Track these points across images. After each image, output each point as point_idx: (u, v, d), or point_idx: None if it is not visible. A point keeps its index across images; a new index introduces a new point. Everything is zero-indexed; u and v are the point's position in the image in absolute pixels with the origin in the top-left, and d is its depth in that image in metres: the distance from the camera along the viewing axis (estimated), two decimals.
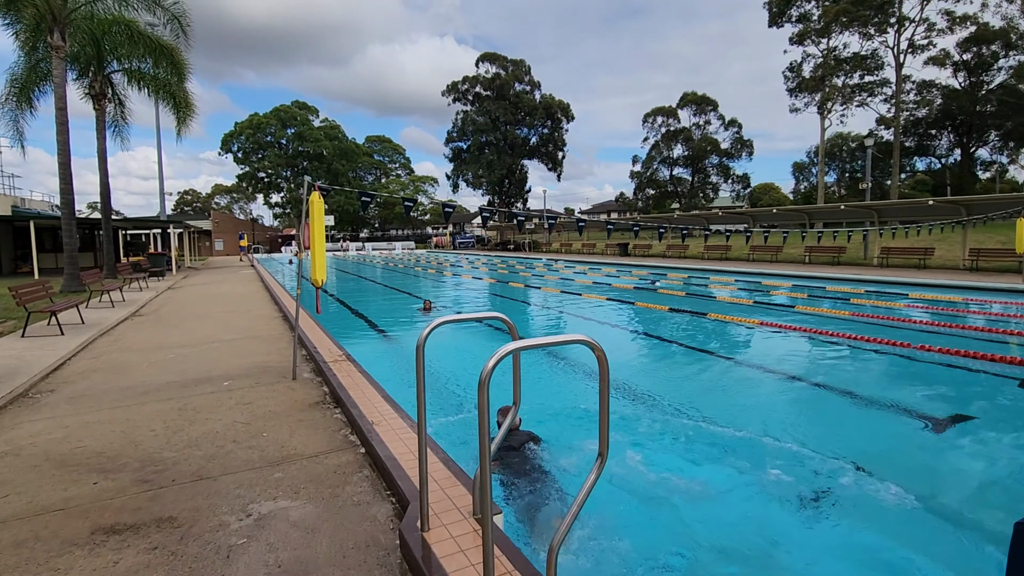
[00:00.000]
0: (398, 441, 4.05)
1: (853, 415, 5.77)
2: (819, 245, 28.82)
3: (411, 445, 3.98)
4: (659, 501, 3.89)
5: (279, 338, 8.86)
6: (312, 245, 6.14)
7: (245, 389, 5.94)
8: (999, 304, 12.85)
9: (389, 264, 34.89)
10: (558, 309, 13.49)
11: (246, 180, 63.27)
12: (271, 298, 14.54)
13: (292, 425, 4.78)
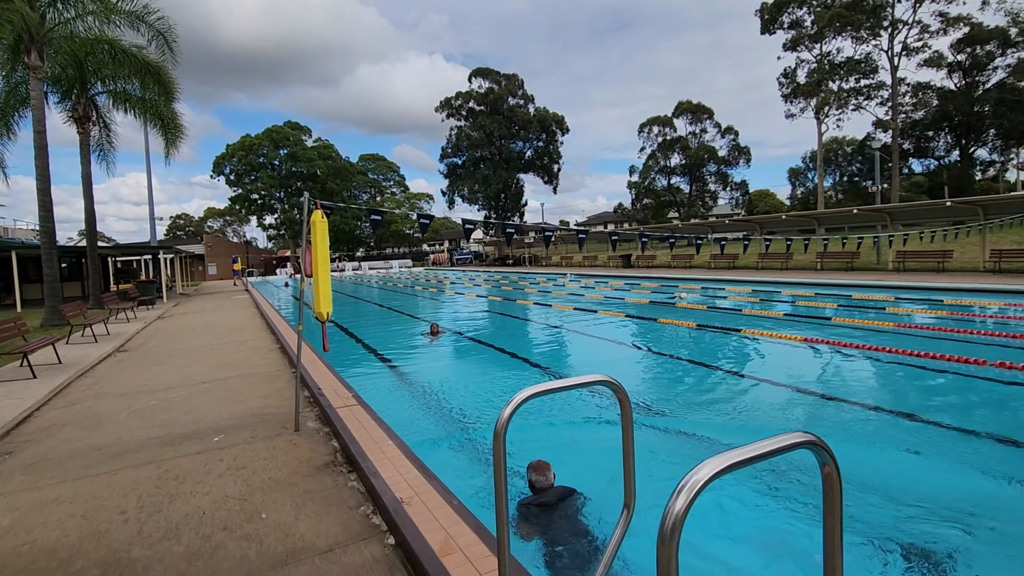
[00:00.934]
0: (438, 530, 3.10)
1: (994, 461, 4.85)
2: (829, 251, 28.11)
3: (460, 537, 3.03)
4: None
5: (278, 375, 7.90)
6: (315, 271, 5.23)
7: (239, 446, 4.98)
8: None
9: (388, 284, 33.96)
10: (575, 329, 12.58)
11: (239, 202, 62.34)
12: (267, 326, 13.57)
13: (297, 499, 3.83)
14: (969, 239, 23.97)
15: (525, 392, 1.81)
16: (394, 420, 5.34)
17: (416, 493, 3.53)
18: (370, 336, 12.38)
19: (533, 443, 5.23)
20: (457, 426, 5.76)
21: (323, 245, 5.30)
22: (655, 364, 8.81)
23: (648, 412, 6.13)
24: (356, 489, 3.97)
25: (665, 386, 7.46)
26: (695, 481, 1.05)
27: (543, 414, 6.16)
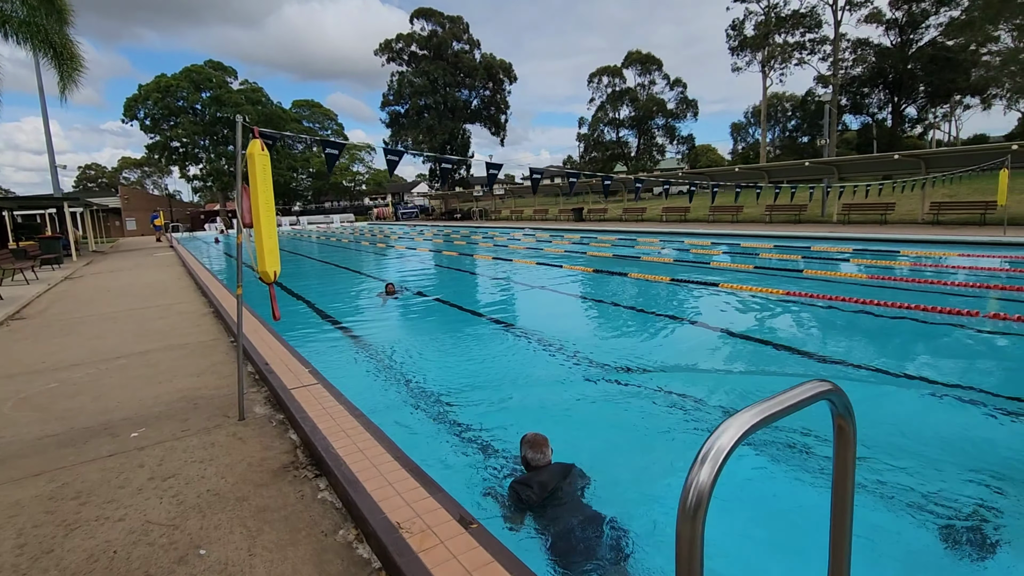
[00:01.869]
0: (460, 572, 2.24)
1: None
2: (779, 204, 28.52)
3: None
4: None
5: (213, 346, 6.67)
6: (256, 220, 4.07)
7: (166, 445, 3.89)
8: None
9: (331, 240, 31.90)
10: (542, 286, 11.79)
11: (157, 151, 56.45)
12: (197, 287, 11.98)
13: (250, 523, 2.86)
14: (904, 193, 24.73)
15: (727, 434, 0.95)
16: (367, 403, 4.38)
17: (417, 513, 2.64)
18: (320, 298, 11.09)
19: (514, 410, 4.44)
20: (448, 411, 4.85)
21: (265, 186, 4.12)
22: (633, 321, 8.17)
23: (630, 372, 5.45)
24: (329, 503, 3.03)
25: (645, 344, 6.83)
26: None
27: (514, 372, 5.36)
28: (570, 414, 4.77)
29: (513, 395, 5.22)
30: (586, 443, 4.20)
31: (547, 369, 5.94)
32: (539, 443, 3.33)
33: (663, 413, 4.64)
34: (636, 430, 4.40)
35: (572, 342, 6.89)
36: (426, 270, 16.12)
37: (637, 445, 4.21)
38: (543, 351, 6.58)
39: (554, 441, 3.52)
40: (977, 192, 26.32)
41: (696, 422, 4.45)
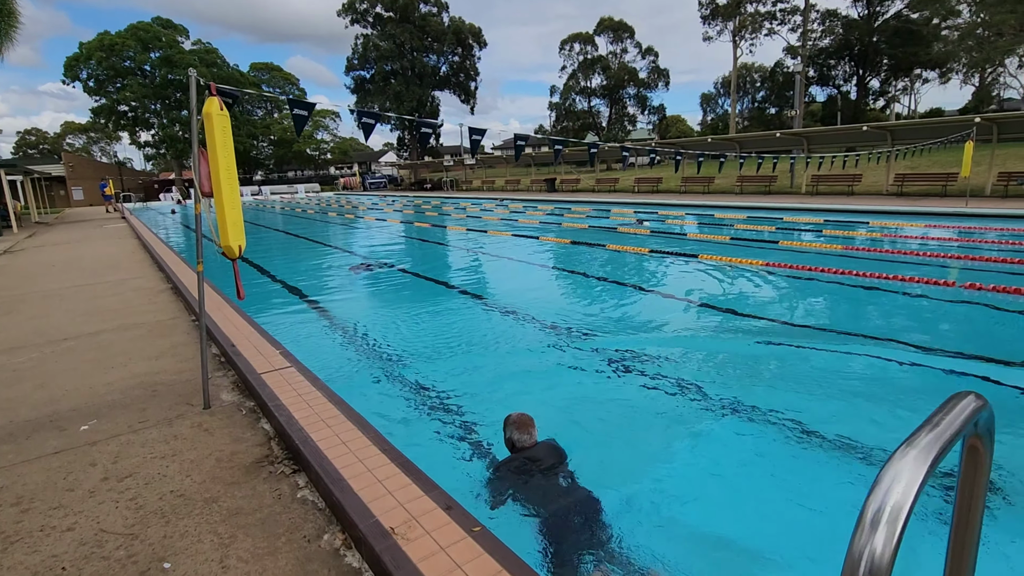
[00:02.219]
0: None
1: None
2: (750, 175, 28.73)
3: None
4: None
5: (172, 326, 6.19)
6: (217, 189, 3.63)
7: (121, 438, 3.50)
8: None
9: (296, 211, 30.74)
10: (520, 259, 11.50)
11: (104, 115, 52.87)
12: (153, 261, 11.25)
13: (221, 529, 2.55)
14: (870, 165, 25.14)
15: (899, 486, 0.67)
16: (346, 388, 4.06)
17: (412, 516, 2.37)
18: (289, 273, 10.53)
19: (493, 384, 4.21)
20: (434, 396, 4.55)
21: (226, 150, 3.67)
22: (617, 295, 8.00)
23: (624, 356, 5.28)
24: (311, 503, 2.73)
25: (630, 321, 6.66)
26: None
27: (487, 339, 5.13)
28: (558, 391, 4.56)
29: (501, 374, 4.98)
30: (575, 419, 4.05)
31: (534, 345, 5.70)
32: (525, 424, 3.18)
33: (652, 389, 4.48)
34: (624, 406, 4.28)
35: (558, 317, 6.66)
36: (399, 243, 15.60)
37: (625, 421, 4.09)
38: (528, 327, 6.34)
39: (543, 419, 3.38)
40: (937, 164, 26.99)
41: (684, 397, 4.31)
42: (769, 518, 3.02)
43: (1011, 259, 8.71)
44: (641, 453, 3.68)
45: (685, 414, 4.12)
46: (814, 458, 3.46)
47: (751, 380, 4.71)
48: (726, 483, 3.34)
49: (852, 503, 3.01)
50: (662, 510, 3.02)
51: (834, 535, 2.83)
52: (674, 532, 2.85)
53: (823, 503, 3.07)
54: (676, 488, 3.25)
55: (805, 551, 2.75)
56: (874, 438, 3.62)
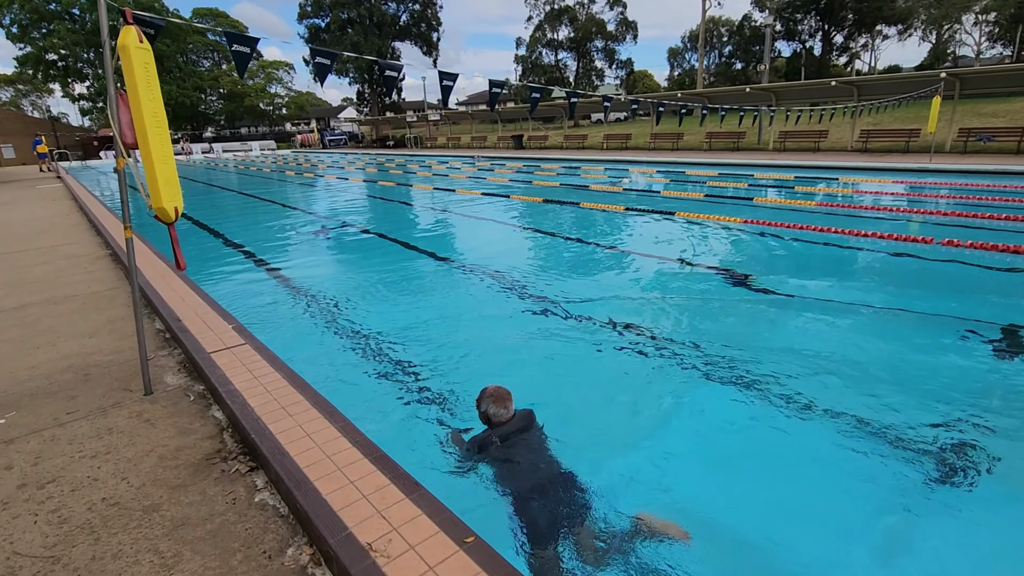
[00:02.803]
0: None
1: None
2: (718, 131, 28.54)
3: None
4: None
5: (111, 297, 5.56)
6: (143, 139, 3.05)
7: (45, 434, 3.02)
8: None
9: (252, 170, 29.09)
10: (493, 219, 11.02)
11: (30, 65, 48.42)
12: (90, 225, 10.31)
13: (163, 547, 2.15)
14: (835, 121, 25.20)
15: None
16: (311, 371, 3.63)
17: (393, 526, 2.01)
18: (243, 238, 9.76)
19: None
20: (408, 374, 4.14)
21: (150, 92, 3.08)
22: (598, 256, 7.68)
23: (613, 325, 4.99)
24: (271, 509, 2.35)
25: (610, 277, 6.37)
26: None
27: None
28: (539, 359, 4.25)
29: (483, 346, 4.61)
30: (550, 384, 3.88)
31: (514, 313, 5.35)
32: (502, 397, 2.95)
33: (628, 351, 4.23)
34: (598, 368, 4.12)
35: (530, 279, 6.30)
36: (363, 203, 14.82)
37: (597, 383, 3.94)
38: (508, 293, 5.97)
39: (527, 389, 3.23)
40: (899, 121, 27.32)
41: (658, 357, 4.07)
42: (754, 481, 2.86)
43: (984, 215, 8.74)
44: (624, 418, 3.55)
45: (667, 376, 3.97)
46: (798, 421, 3.34)
47: (730, 339, 4.50)
48: (712, 445, 3.25)
49: (835, 465, 3.01)
50: (648, 476, 2.89)
51: (817, 495, 2.75)
52: (657, 497, 2.62)
53: (809, 467, 2.97)
54: (660, 451, 3.15)
55: (792, 514, 2.60)
56: (852, 397, 3.54)
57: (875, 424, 3.23)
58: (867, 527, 2.53)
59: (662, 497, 2.74)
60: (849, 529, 2.52)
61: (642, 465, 3.01)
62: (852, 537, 2.46)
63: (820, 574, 2.29)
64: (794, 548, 2.41)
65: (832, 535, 2.50)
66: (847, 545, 2.42)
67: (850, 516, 2.61)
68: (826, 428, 3.25)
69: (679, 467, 3.02)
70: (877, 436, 3.13)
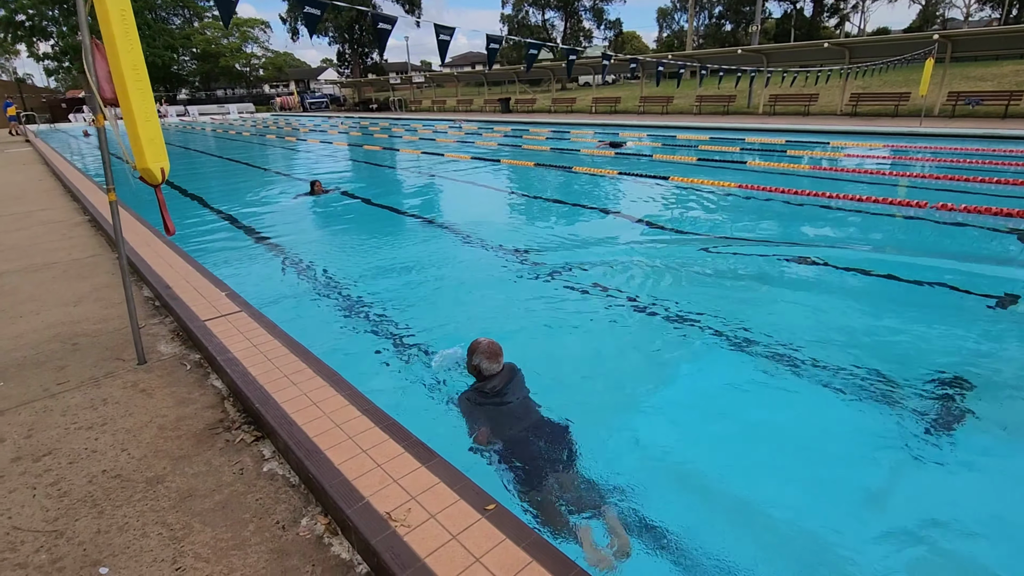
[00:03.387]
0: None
1: None
2: (708, 95, 28.15)
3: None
4: None
5: (93, 264, 5.36)
6: (123, 94, 2.85)
7: (36, 405, 2.90)
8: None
9: (230, 133, 28.15)
10: (484, 184, 10.81)
11: (1, 28, 45.86)
12: (65, 190, 9.91)
13: (171, 519, 2.08)
14: (824, 84, 24.92)
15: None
16: (312, 338, 3.52)
17: (411, 495, 1.96)
18: (231, 205, 9.42)
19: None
20: (415, 341, 4.05)
21: (128, 42, 2.86)
22: (593, 220, 7.58)
23: (612, 292, 4.94)
24: (281, 478, 2.29)
25: (605, 246, 6.30)
26: None
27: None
28: (535, 322, 4.20)
29: (484, 308, 4.55)
30: (552, 348, 3.91)
31: (511, 275, 5.27)
32: (495, 352, 3.01)
33: (622, 316, 4.21)
34: (592, 333, 4.10)
35: (527, 243, 6.20)
36: (349, 168, 14.44)
37: (601, 348, 3.97)
38: (501, 256, 5.87)
39: (527, 350, 3.33)
40: (888, 84, 27.15)
41: (653, 320, 4.06)
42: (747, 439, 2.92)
43: (977, 178, 8.76)
44: (617, 379, 3.59)
45: (661, 338, 4.01)
46: (792, 380, 3.40)
47: (724, 302, 4.50)
48: (710, 403, 3.31)
49: (830, 418, 3.08)
50: (650, 434, 2.99)
51: (817, 455, 2.79)
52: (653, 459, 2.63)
53: (803, 421, 3.06)
54: (658, 410, 3.24)
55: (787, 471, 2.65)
56: (842, 358, 3.59)
57: (866, 384, 3.29)
58: (861, 480, 2.58)
59: (663, 456, 2.78)
60: (842, 480, 2.57)
61: (643, 422, 3.06)
62: (844, 489, 2.51)
63: (814, 527, 2.32)
64: (791, 506, 2.45)
65: (826, 488, 2.54)
66: (840, 497, 2.47)
67: (843, 469, 2.66)
68: (818, 386, 3.30)
69: (678, 426, 3.07)
70: (869, 393, 3.17)
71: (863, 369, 3.41)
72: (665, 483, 2.58)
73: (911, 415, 2.97)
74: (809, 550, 2.22)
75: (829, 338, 3.87)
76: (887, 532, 2.26)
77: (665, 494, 2.47)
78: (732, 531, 2.30)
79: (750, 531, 2.32)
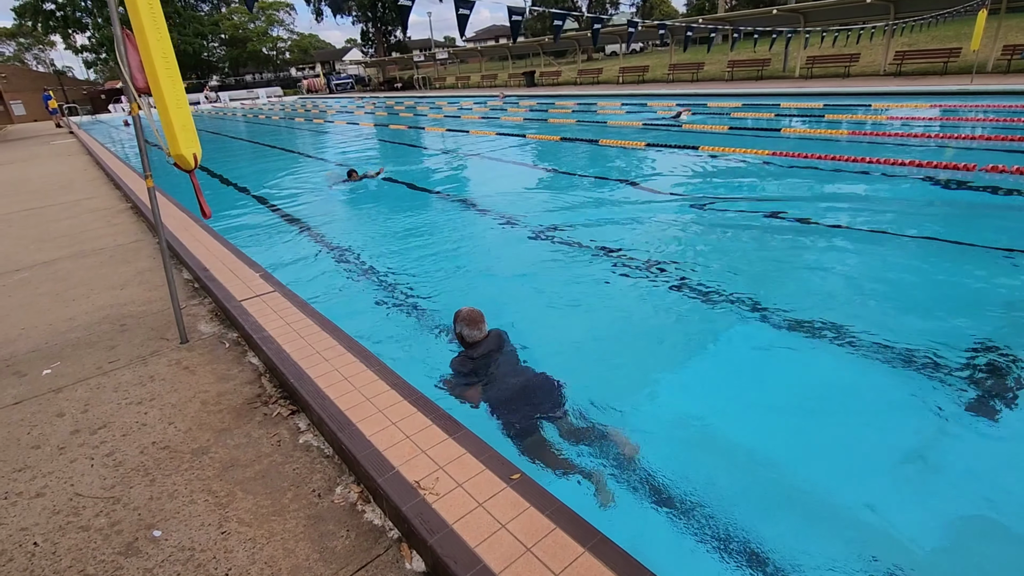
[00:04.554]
0: (516, 548, 1.69)
1: None
2: (740, 59, 27.07)
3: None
4: None
5: (136, 249, 5.60)
6: (154, 82, 2.94)
7: (90, 383, 3.10)
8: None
9: (260, 118, 28.61)
10: (512, 160, 10.73)
11: (29, 16, 47.33)
12: (108, 179, 10.31)
13: (216, 487, 2.22)
14: (863, 43, 23.60)
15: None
16: (342, 316, 3.63)
17: (439, 464, 2.04)
18: (262, 188, 9.63)
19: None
20: (443, 319, 4.14)
21: (157, 30, 2.93)
22: (623, 194, 7.47)
23: (652, 269, 4.90)
24: (316, 450, 2.40)
25: (641, 221, 6.22)
26: None
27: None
28: (564, 299, 4.21)
29: (514, 289, 4.59)
30: (584, 322, 3.93)
31: (542, 255, 5.28)
32: (475, 319, 3.15)
33: (658, 287, 4.16)
34: (631, 308, 4.11)
35: (558, 221, 6.18)
36: (377, 148, 14.54)
37: (632, 320, 3.99)
38: (534, 234, 5.87)
39: (556, 329, 3.46)
40: (936, 40, 25.58)
41: (686, 292, 4.01)
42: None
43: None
44: (650, 347, 3.62)
45: (695, 310, 3.99)
46: (832, 348, 3.37)
47: (760, 271, 4.41)
48: (741, 373, 3.31)
49: (846, 390, 3.06)
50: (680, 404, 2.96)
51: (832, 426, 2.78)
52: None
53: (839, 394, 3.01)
54: (690, 382, 3.25)
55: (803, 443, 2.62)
56: (886, 324, 3.50)
57: (910, 351, 3.21)
58: (895, 450, 2.54)
59: (692, 423, 2.79)
60: (875, 452, 2.53)
61: (675, 392, 3.08)
62: (878, 460, 2.48)
63: (840, 493, 2.30)
64: (815, 471, 2.44)
65: (857, 458, 2.52)
66: (872, 467, 2.44)
67: (876, 439, 2.63)
68: (856, 355, 3.24)
69: (713, 398, 3.06)
70: (910, 362, 3.10)
71: (909, 336, 3.35)
72: (696, 451, 2.60)
73: (954, 384, 2.90)
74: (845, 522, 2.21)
75: (868, 305, 3.79)
76: (931, 509, 2.24)
77: (694, 459, 2.50)
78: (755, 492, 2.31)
79: (767, 487, 2.32)
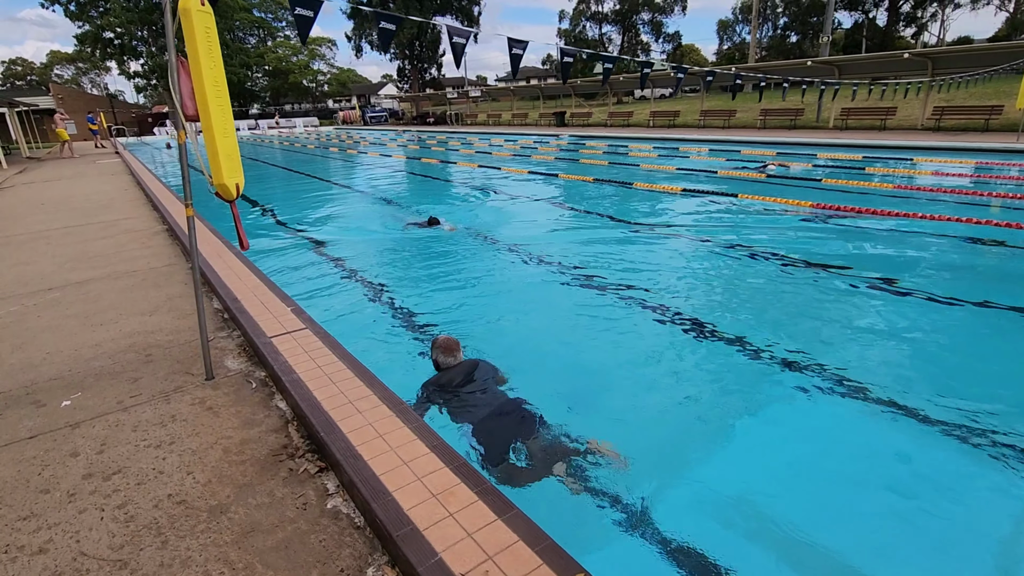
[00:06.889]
0: None
1: None
2: (773, 108, 27.08)
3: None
4: None
5: (168, 273, 5.53)
6: (204, 110, 2.85)
7: (109, 419, 2.92)
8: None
9: (296, 146, 29.39)
10: (546, 200, 10.64)
11: (88, 43, 50.07)
12: (147, 200, 10.47)
13: (233, 556, 1.98)
14: (901, 98, 23.42)
15: None
16: (376, 362, 3.43)
17: (487, 554, 1.77)
18: (299, 218, 9.63)
19: None
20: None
21: (212, 60, 2.86)
22: (654, 241, 7.25)
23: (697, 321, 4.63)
24: (345, 518, 2.15)
25: (677, 269, 5.96)
26: None
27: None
28: (601, 344, 3.95)
29: (549, 339, 4.35)
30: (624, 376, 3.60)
31: (571, 298, 5.05)
32: (451, 347, 3.42)
33: (689, 335, 3.87)
34: (663, 356, 3.76)
35: (602, 268, 5.97)
36: (413, 183, 14.66)
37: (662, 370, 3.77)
38: (563, 278, 5.66)
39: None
40: (974, 97, 25.30)
41: (723, 344, 3.71)
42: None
43: None
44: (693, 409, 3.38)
45: (732, 366, 3.73)
46: (854, 408, 3.24)
47: (795, 325, 4.11)
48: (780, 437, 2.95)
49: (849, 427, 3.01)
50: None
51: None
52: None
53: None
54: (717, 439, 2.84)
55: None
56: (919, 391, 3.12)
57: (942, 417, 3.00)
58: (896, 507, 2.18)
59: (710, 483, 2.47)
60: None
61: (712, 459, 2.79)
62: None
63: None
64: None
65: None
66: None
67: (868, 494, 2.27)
68: (902, 424, 3.03)
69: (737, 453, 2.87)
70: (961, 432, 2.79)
71: (954, 404, 3.05)
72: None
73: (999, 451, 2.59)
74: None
75: (913, 372, 3.50)
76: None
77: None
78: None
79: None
